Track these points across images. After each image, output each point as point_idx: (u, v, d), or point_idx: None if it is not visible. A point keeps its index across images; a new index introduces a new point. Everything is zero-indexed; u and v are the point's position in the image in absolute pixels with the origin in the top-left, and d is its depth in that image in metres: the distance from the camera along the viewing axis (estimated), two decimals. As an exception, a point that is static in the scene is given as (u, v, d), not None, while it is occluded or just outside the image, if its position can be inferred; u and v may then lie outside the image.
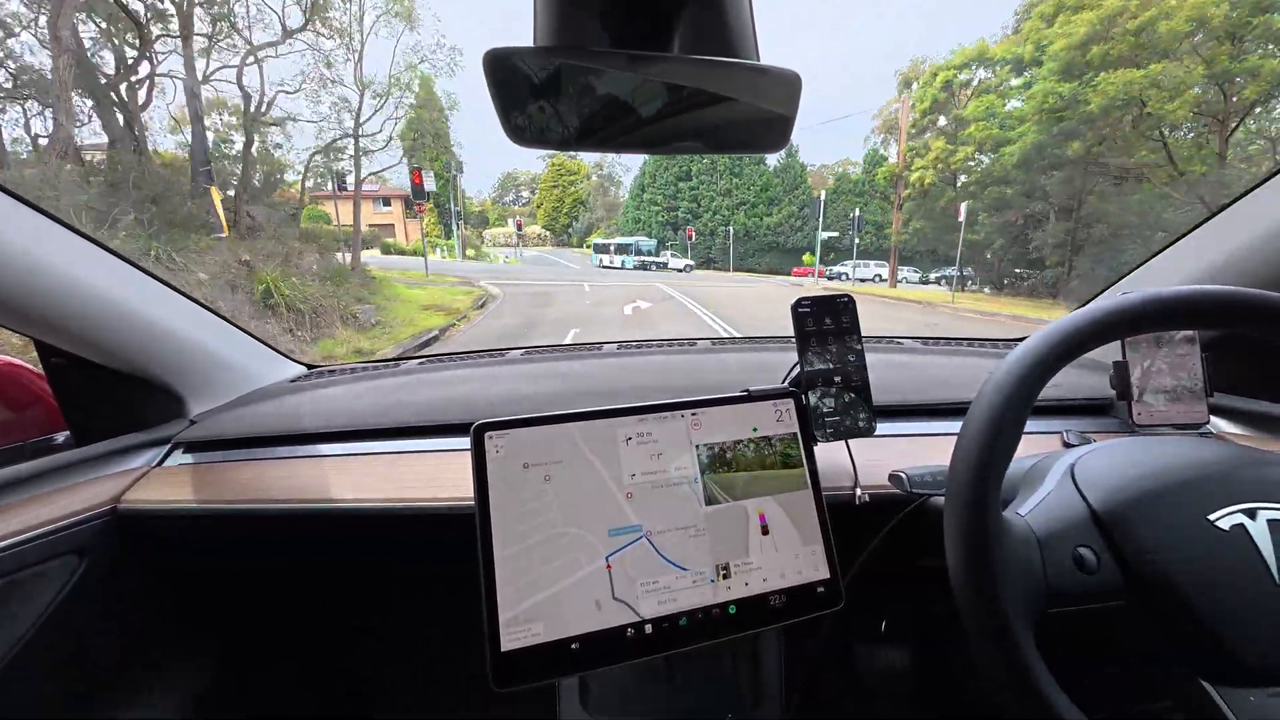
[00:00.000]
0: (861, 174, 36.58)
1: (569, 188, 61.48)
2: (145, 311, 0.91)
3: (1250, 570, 0.44)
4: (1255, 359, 0.95)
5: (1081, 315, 0.47)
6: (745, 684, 0.87)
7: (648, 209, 42.13)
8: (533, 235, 62.03)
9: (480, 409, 0.98)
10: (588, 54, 0.50)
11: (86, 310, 0.83)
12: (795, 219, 38.75)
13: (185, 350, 0.99)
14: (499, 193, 77.85)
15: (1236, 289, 0.47)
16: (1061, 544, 0.46)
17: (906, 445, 0.90)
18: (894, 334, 1.41)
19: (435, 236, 36.19)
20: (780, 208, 39.11)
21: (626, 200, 46.91)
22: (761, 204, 39.32)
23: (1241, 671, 0.43)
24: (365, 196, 38.15)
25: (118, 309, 0.87)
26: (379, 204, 39.92)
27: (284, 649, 1.22)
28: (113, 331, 0.88)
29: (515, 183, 77.15)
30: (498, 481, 0.61)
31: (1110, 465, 0.52)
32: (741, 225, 39.16)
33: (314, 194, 37.97)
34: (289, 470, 0.90)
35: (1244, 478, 0.47)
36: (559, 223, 61.49)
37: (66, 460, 0.86)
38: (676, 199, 41.54)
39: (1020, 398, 0.46)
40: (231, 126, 14.71)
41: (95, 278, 0.83)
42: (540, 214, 63.60)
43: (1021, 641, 0.41)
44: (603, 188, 61.35)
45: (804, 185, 39.31)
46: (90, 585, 0.81)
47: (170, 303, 0.98)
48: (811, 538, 0.67)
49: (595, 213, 59.32)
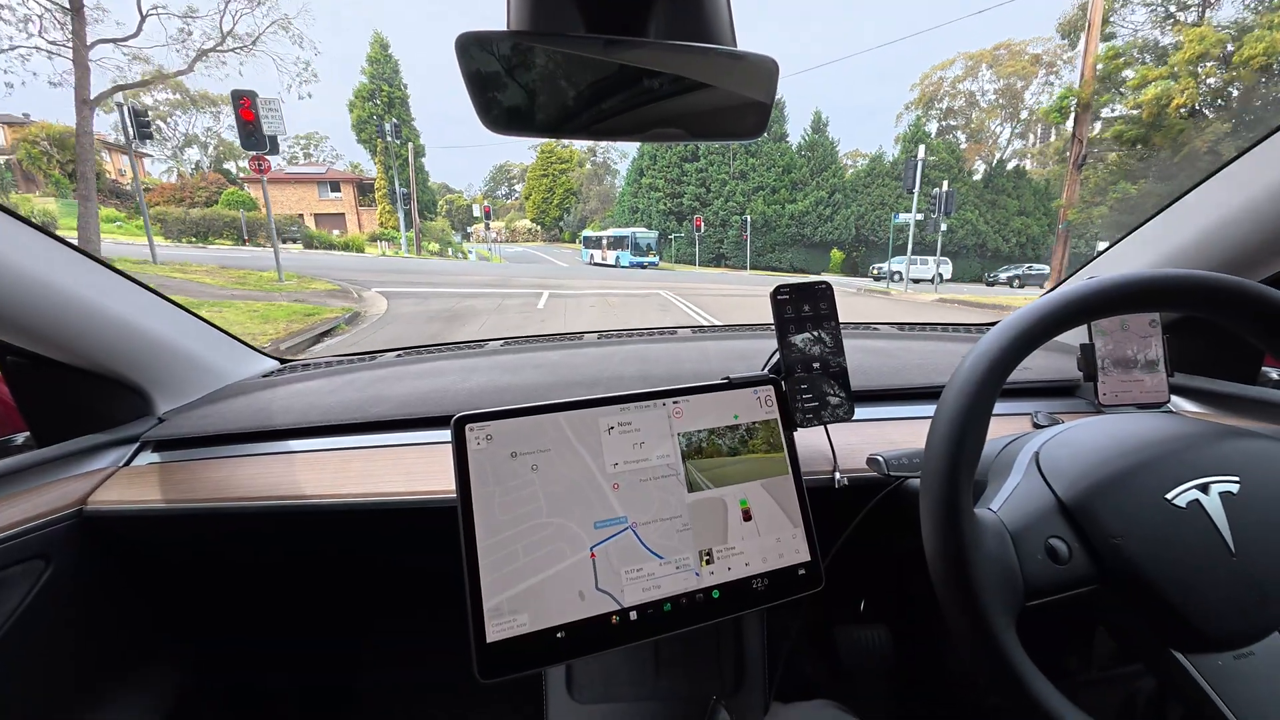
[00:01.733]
0: (901, 153, 30.79)
1: (559, 177, 56.01)
2: (108, 307, 0.88)
3: (1208, 544, 0.46)
4: (1214, 341, 0.99)
5: (1048, 301, 0.49)
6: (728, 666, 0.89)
7: (647, 196, 34.98)
8: (523, 230, 58.35)
9: (460, 401, 0.97)
10: (563, 39, 0.49)
11: (45, 306, 0.79)
12: (824, 206, 32.16)
13: (151, 346, 0.96)
14: (491, 186, 74.60)
15: (1191, 272, 0.48)
16: (1034, 537, 0.47)
17: (883, 429, 0.92)
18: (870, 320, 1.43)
19: (392, 228, 31.87)
20: (806, 193, 32.29)
21: (623, 187, 39.75)
22: (783, 188, 32.27)
23: (1207, 640, 0.45)
24: (306, 179, 34.58)
25: (78, 304, 0.83)
26: (325, 189, 35.18)
27: (260, 653, 1.20)
28: (73, 328, 0.84)
29: (508, 175, 73.79)
30: (483, 472, 0.60)
31: (1073, 453, 0.53)
32: (760, 214, 32.21)
33: (245, 178, 33.91)
34: (263, 468, 0.88)
35: (1196, 453, 0.50)
36: (549, 215, 56.69)
37: (28, 461, 0.82)
38: (682, 183, 34.18)
39: (991, 383, 0.47)
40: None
41: (53, 272, 0.80)
42: (529, 206, 58.68)
43: (1005, 641, 0.42)
44: (596, 176, 56.28)
45: (835, 166, 32.66)
46: (57, 590, 0.79)
47: (134, 297, 0.94)
48: (792, 522, 0.68)
49: (588, 204, 54.44)
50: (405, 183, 31.58)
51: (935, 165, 28.53)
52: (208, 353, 1.10)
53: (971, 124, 33.25)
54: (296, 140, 51.30)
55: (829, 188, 32.17)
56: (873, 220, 31.89)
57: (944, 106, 35.12)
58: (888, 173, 31.50)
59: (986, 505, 0.51)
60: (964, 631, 0.44)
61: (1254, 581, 0.45)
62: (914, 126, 32.20)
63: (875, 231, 31.77)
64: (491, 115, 0.52)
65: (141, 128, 12.55)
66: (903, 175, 17.23)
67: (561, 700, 0.85)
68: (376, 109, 32.77)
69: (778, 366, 0.76)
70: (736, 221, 32.53)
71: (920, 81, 35.36)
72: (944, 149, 31.09)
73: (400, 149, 32.42)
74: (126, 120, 12.23)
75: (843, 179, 32.33)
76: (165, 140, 40.28)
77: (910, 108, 36.52)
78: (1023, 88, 25.41)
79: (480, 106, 0.51)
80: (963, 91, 31.28)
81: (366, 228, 33.69)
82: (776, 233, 32.58)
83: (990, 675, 0.43)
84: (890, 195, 31.11)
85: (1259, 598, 0.45)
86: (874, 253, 31.38)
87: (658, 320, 9.64)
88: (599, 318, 9.75)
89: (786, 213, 32.26)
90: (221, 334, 1.15)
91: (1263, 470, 0.49)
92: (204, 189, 32.21)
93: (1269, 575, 0.46)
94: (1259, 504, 0.47)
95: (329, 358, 1.30)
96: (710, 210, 33.36)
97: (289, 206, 33.35)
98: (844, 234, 31.94)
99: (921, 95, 34.72)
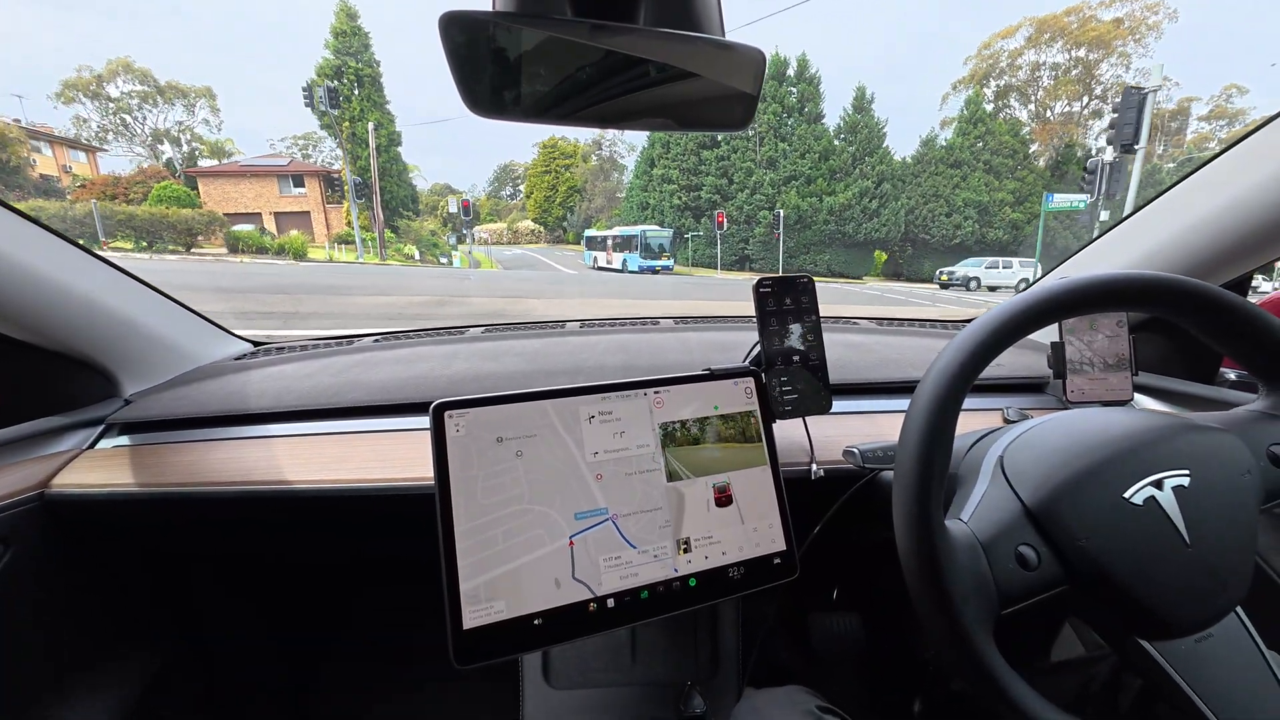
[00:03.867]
0: (956, 136, 26.05)
1: (562, 173, 50.62)
2: (72, 284, 0.85)
3: (1164, 538, 0.48)
4: (1178, 341, 1.03)
5: (1021, 300, 0.50)
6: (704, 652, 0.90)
7: (659, 189, 28.78)
8: (525, 231, 53.52)
9: (440, 387, 0.96)
10: (549, 21, 0.48)
11: (5, 282, 0.76)
12: (869, 198, 26.22)
13: (117, 326, 0.93)
14: (495, 186, 70.40)
15: (1155, 274, 0.50)
16: (1004, 546, 0.48)
17: (859, 422, 0.94)
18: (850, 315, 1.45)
19: (362, 227, 26.08)
20: (847, 183, 26.41)
21: (631, 180, 33.59)
22: (820, 178, 26.35)
23: (1169, 627, 0.48)
24: (264, 172, 29.09)
25: (40, 281, 0.80)
26: (287, 183, 29.00)
27: (231, 640, 1.18)
28: (35, 305, 0.81)
29: (512, 175, 69.24)
30: (467, 456, 0.60)
31: (1035, 455, 0.55)
32: (793, 208, 26.23)
33: (194, 170, 29.78)
34: (234, 452, 0.86)
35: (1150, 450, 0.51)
36: (551, 215, 51.50)
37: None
38: (699, 174, 27.98)
39: (963, 379, 0.48)
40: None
41: (15, 248, 0.77)
42: (530, 205, 53.70)
43: (985, 652, 0.44)
44: (602, 171, 49.03)
45: (882, 151, 26.89)
46: (17, 576, 0.76)
47: (100, 275, 0.91)
48: (769, 512, 0.69)
49: (593, 202, 47.68)
50: (363, 171, 26.46)
51: (997, 150, 25.40)
52: (177, 333, 1.07)
53: (1036, 102, 27.75)
54: (294, 141, 44.19)
55: (875, 176, 26.09)
56: (924, 215, 26.64)
57: (1002, 83, 29.64)
58: (941, 158, 26.33)
59: (957, 515, 0.52)
60: (943, 643, 0.45)
61: (1209, 568, 0.48)
62: (972, 101, 26.74)
63: (927, 228, 26.53)
64: (474, 97, 0.51)
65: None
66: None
67: (538, 686, 0.86)
68: (343, 88, 28.07)
69: (759, 358, 0.76)
70: (764, 217, 26.62)
71: (976, 54, 30.38)
72: (1006, 130, 27.04)
73: (349, 123, 27.71)
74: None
75: (891, 166, 26.63)
76: (133, 136, 36.72)
77: (958, 86, 31.25)
78: (1096, 60, 21.09)
79: (462, 87, 0.50)
80: (1027, 63, 25.78)
81: (335, 228, 28.21)
82: (812, 230, 26.56)
83: (972, 683, 0.44)
84: (946, 185, 26.18)
85: (1215, 584, 0.48)
86: (924, 254, 26.58)
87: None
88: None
89: (825, 206, 26.19)
90: (192, 314, 1.12)
91: (1211, 462, 0.51)
92: (141, 184, 27.30)
93: (1222, 561, 0.48)
94: (1209, 495, 0.49)
95: (305, 340, 1.27)
96: (733, 204, 27.33)
97: (244, 204, 28.23)
98: (892, 231, 26.50)
99: (974, 72, 29.74)
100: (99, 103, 35.59)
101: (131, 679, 0.95)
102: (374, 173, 25.61)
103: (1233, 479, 0.50)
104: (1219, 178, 0.86)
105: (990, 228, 25.68)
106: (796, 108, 26.75)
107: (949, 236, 25.12)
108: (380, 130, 28.33)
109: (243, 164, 31.17)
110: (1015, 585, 0.47)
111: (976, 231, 25.66)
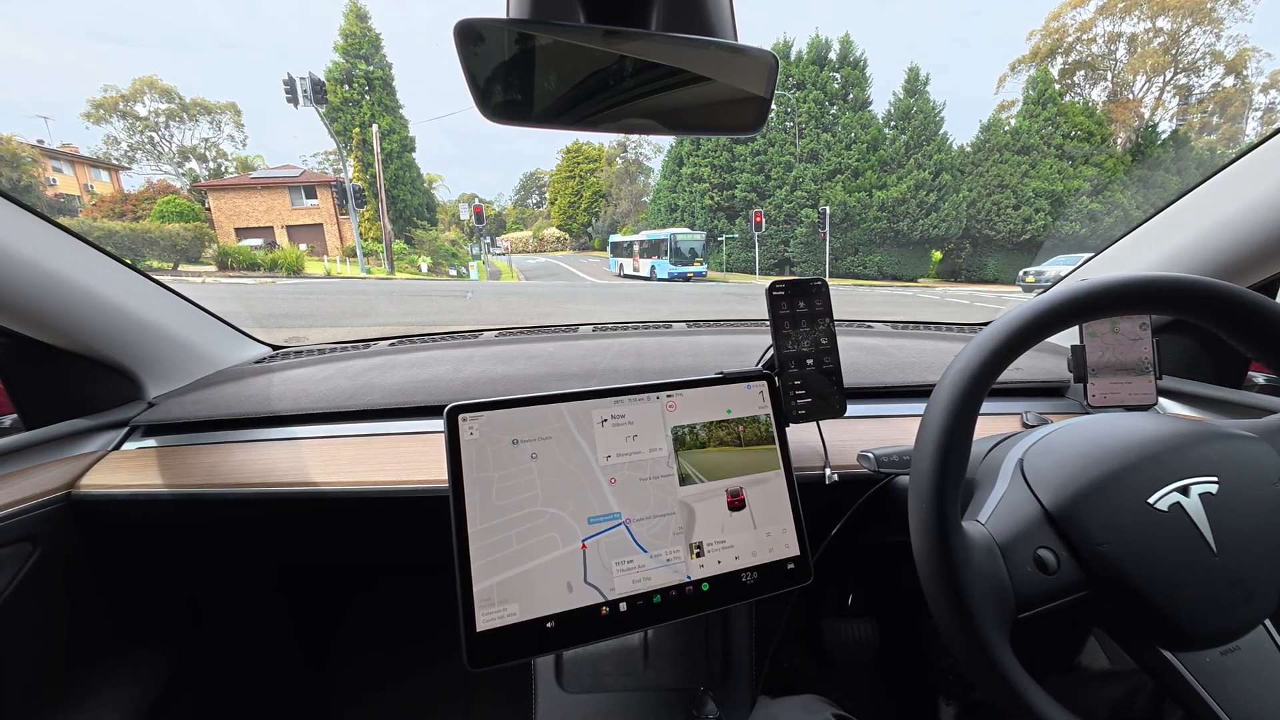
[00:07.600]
0: (1023, 119, 22.28)
1: (587, 178, 48.47)
2: (98, 290, 0.87)
3: (1190, 546, 0.46)
4: (1204, 344, 1.00)
5: (1040, 302, 0.49)
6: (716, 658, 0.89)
7: (689, 189, 25.81)
8: (550, 239, 51.48)
9: (454, 391, 0.97)
10: (562, 28, 0.49)
11: (34, 288, 0.78)
12: (927, 191, 22.58)
13: (141, 330, 0.95)
14: (521, 194, 68.54)
15: (1180, 276, 0.49)
16: (1022, 549, 0.47)
17: (874, 426, 0.93)
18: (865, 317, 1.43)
19: (374, 239, 25.64)
20: (900, 175, 22.93)
21: (658, 181, 30.79)
22: (869, 170, 23.05)
23: (1194, 639, 0.46)
24: (275, 184, 27.16)
25: (68, 287, 0.82)
26: (298, 195, 27.02)
27: (249, 639, 1.20)
28: (63, 310, 0.83)
29: (539, 183, 67.10)
30: (483, 458, 0.60)
31: (1056, 459, 0.54)
32: (839, 205, 23.06)
33: (204, 185, 27.64)
34: (254, 454, 0.87)
35: (1176, 455, 0.50)
36: (576, 220, 49.30)
37: (15, 444, 0.82)
38: (732, 170, 24.78)
39: (980, 384, 0.47)
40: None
41: (43, 254, 0.79)
42: (554, 211, 51.51)
43: (1001, 657, 0.43)
44: (628, 174, 46.15)
45: (939, 139, 23.09)
46: (45, 574, 0.78)
47: (124, 281, 0.93)
48: (782, 516, 0.69)
49: (619, 206, 45.04)
50: (369, 177, 24.49)
51: (1070, 134, 21.70)
52: (199, 337, 1.09)
53: (1113, 77, 24.12)
54: (325, 156, 43.54)
55: (932, 166, 22.50)
56: (987, 208, 22.66)
57: (1071, 59, 25.77)
58: (1006, 144, 22.50)
59: (975, 517, 0.51)
60: (959, 648, 0.44)
61: (1236, 579, 0.46)
62: (1039, 80, 23.00)
63: (992, 223, 22.63)
64: (489, 104, 0.51)
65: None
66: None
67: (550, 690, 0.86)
68: (353, 94, 26.63)
69: (772, 362, 0.76)
70: (807, 216, 23.34)
71: (1043, 27, 26.38)
72: (1081, 111, 23.22)
73: (359, 130, 25.68)
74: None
75: (950, 155, 23.19)
76: (160, 154, 36.42)
77: (1018, 66, 27.05)
78: (1182, 29, 17.28)
79: (478, 94, 0.51)
80: (1100, 35, 22.44)
81: (349, 239, 25.69)
82: (861, 229, 23.31)
83: (987, 689, 0.43)
84: (1013, 174, 22.28)
85: (1242, 594, 0.46)
86: (986, 251, 23.05)
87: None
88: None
89: (875, 201, 22.82)
90: (213, 319, 1.14)
91: (1240, 469, 0.49)
92: (150, 199, 26.22)
93: (1250, 572, 0.46)
94: (1238, 503, 0.48)
95: (322, 344, 1.30)
96: (770, 203, 24.12)
97: (255, 217, 26.68)
98: (953, 227, 22.88)
99: (1036, 49, 25.74)
100: (127, 121, 35.56)
101: (152, 675, 0.97)
102: (379, 179, 24.04)
103: (1263, 488, 0.49)
104: (1246, 175, 0.84)
105: (1066, 220, 21.73)
106: (840, 94, 23.84)
107: (1018, 231, 21.57)
108: (392, 135, 27.15)
109: (254, 176, 29.64)
110: (1033, 589, 0.46)
111: (1050, 225, 21.78)
